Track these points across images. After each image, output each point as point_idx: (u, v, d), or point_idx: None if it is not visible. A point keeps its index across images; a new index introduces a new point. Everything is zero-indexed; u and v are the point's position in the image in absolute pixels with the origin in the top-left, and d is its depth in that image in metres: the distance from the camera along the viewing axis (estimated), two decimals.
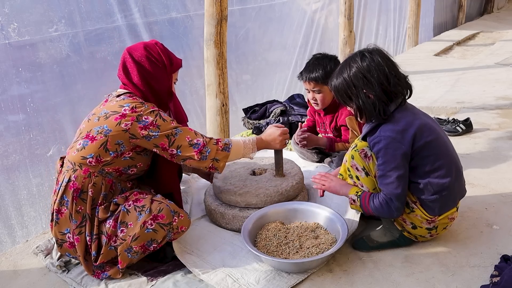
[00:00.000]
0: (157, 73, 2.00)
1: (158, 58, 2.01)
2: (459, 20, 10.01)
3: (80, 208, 1.91)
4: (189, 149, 1.92)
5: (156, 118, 1.90)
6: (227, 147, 2.00)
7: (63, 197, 1.92)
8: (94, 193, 1.91)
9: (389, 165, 1.80)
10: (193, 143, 1.93)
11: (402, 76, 1.86)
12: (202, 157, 1.93)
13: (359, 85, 1.82)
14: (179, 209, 1.94)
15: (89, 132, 1.90)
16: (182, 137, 1.92)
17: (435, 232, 1.96)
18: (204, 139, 1.96)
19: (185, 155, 1.92)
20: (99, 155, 1.87)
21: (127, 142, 1.89)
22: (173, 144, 1.90)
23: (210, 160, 1.95)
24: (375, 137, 1.82)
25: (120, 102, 1.92)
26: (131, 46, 2.04)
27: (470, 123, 3.40)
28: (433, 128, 1.87)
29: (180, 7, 3.81)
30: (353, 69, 1.83)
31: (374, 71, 1.80)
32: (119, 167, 1.93)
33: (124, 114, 1.87)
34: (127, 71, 1.99)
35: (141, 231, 1.83)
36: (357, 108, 1.87)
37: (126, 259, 1.87)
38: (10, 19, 2.75)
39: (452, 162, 1.89)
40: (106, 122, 1.88)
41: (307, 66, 2.64)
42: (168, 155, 1.94)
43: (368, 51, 1.85)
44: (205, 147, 1.94)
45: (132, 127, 1.87)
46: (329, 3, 5.85)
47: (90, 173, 1.90)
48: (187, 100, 4.04)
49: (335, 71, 1.93)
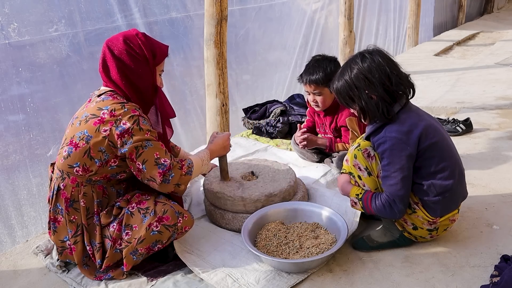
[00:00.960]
0: (138, 68, 1.84)
1: (139, 51, 1.84)
2: (459, 20, 10.00)
3: (74, 217, 1.89)
4: (154, 168, 1.81)
5: (133, 126, 1.79)
6: (190, 171, 1.91)
7: (56, 206, 1.90)
8: (87, 202, 1.88)
9: (394, 166, 1.80)
10: (160, 163, 1.82)
11: (404, 75, 1.85)
12: (164, 180, 1.83)
13: (361, 86, 1.82)
14: (183, 210, 1.93)
15: (72, 138, 1.83)
16: (151, 151, 1.81)
17: (436, 233, 1.96)
18: (171, 162, 1.84)
19: (149, 175, 1.82)
20: (85, 163, 1.82)
21: (109, 150, 1.81)
22: (139, 156, 1.80)
23: (172, 185, 1.86)
24: (380, 138, 1.82)
25: (99, 103, 1.83)
26: (110, 38, 1.87)
27: (470, 123, 3.40)
28: (438, 129, 1.87)
29: (180, 7, 3.81)
30: (354, 71, 1.83)
31: (375, 71, 1.80)
32: (107, 174, 1.87)
33: (103, 119, 1.79)
34: (107, 67, 1.85)
35: (147, 233, 1.82)
36: (360, 109, 1.86)
37: (131, 261, 1.86)
38: (10, 19, 2.75)
39: (455, 164, 1.89)
40: (86, 127, 1.81)
41: (307, 68, 2.63)
42: (136, 169, 1.83)
43: (368, 52, 1.85)
44: (170, 170, 1.83)
45: (111, 133, 1.78)
46: (329, 3, 5.85)
47: (78, 182, 1.86)
48: (187, 100, 4.04)
49: (336, 74, 1.92)
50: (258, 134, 3.42)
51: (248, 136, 3.45)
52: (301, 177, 2.60)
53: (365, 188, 1.93)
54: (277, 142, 3.27)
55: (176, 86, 3.92)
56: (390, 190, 1.82)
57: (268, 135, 3.38)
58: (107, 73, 1.86)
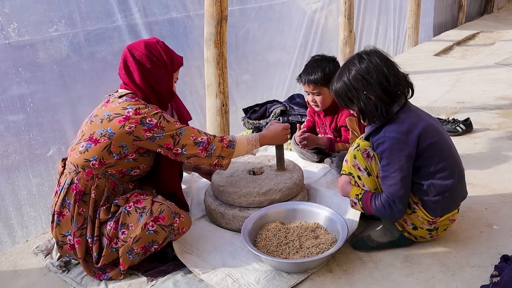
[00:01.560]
0: (158, 73, 1.98)
1: (159, 57, 1.98)
2: (459, 20, 10.00)
3: (82, 210, 1.91)
4: (194, 148, 1.94)
5: (160, 120, 1.90)
6: (232, 144, 2.03)
7: (65, 199, 1.91)
8: (97, 195, 1.91)
9: (393, 166, 1.80)
10: (198, 142, 1.95)
11: (401, 75, 1.86)
12: (207, 155, 1.96)
13: (359, 87, 1.82)
14: (180, 210, 1.94)
15: (92, 135, 1.89)
16: (186, 136, 1.94)
17: (436, 233, 1.96)
18: (208, 137, 1.98)
19: (190, 153, 1.94)
20: (102, 157, 1.87)
21: (131, 145, 1.89)
22: (178, 144, 1.92)
23: (215, 157, 1.98)
24: (379, 138, 1.82)
25: (123, 104, 1.91)
26: (131, 44, 2.01)
27: (470, 123, 3.40)
28: (437, 129, 1.87)
29: (180, 7, 3.81)
30: (352, 72, 1.83)
31: (373, 72, 1.80)
32: (122, 168, 1.93)
33: (128, 117, 1.87)
34: (129, 70, 1.97)
35: (142, 232, 1.83)
36: (359, 110, 1.86)
37: (128, 260, 1.87)
38: (10, 19, 2.74)
39: (455, 164, 1.89)
40: (109, 125, 1.88)
41: (306, 68, 2.63)
42: (173, 155, 1.95)
43: (365, 52, 1.86)
44: (210, 144, 1.97)
45: (136, 129, 1.87)
46: (329, 3, 5.85)
47: (93, 175, 1.90)
48: (187, 100, 4.04)
49: (335, 76, 1.93)
50: None
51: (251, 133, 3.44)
52: None
53: (365, 189, 1.93)
54: None
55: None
56: (389, 190, 1.82)
57: None
58: (130, 75, 1.97)
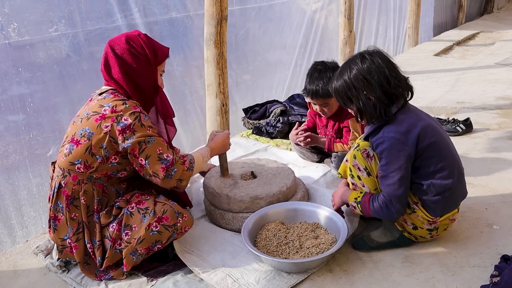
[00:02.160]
0: (140, 67, 1.88)
1: (141, 51, 1.89)
2: (459, 20, 10.00)
3: (75, 215, 1.89)
4: (157, 163, 1.83)
5: (135, 122, 1.81)
6: (191, 167, 1.94)
7: (57, 203, 1.90)
8: (87, 200, 1.89)
9: (392, 166, 1.80)
10: (162, 158, 1.84)
11: (402, 78, 1.86)
12: (167, 175, 1.85)
13: (359, 87, 1.82)
14: (183, 210, 1.93)
15: (73, 136, 1.85)
16: (153, 147, 1.83)
17: (436, 233, 1.96)
18: (173, 157, 1.88)
19: (152, 170, 1.84)
20: (86, 160, 1.83)
21: (109, 146, 1.83)
22: (142, 152, 1.82)
23: (175, 180, 1.88)
24: (379, 138, 1.82)
25: (100, 101, 1.86)
26: (112, 39, 1.92)
27: (470, 123, 3.40)
28: (436, 129, 1.87)
29: (180, 7, 3.81)
30: (353, 71, 1.83)
31: (375, 72, 1.80)
32: (107, 171, 1.89)
33: (104, 115, 1.81)
34: (108, 66, 1.89)
35: (146, 233, 1.82)
36: (358, 110, 1.87)
37: (131, 261, 1.86)
38: (10, 19, 2.75)
39: (454, 164, 1.89)
40: (87, 124, 1.83)
41: (311, 80, 2.57)
42: (138, 165, 1.85)
43: (368, 53, 1.85)
44: (173, 166, 1.86)
45: (112, 129, 1.80)
46: (329, 3, 5.85)
47: (79, 180, 1.87)
48: (187, 100, 4.04)
49: (336, 73, 1.93)
50: (258, 134, 3.43)
51: (248, 136, 3.45)
52: (301, 177, 2.60)
53: (365, 189, 1.93)
54: (277, 142, 3.27)
55: (176, 86, 3.92)
56: (387, 190, 1.82)
57: (268, 135, 3.38)
58: (109, 71, 1.90)
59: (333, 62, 2.65)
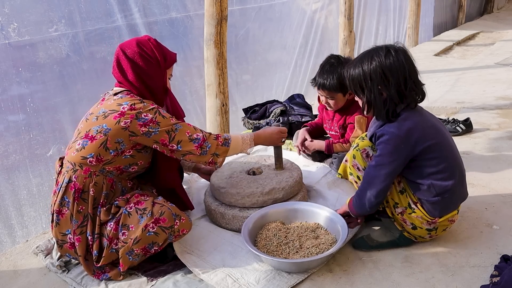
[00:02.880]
0: (150, 70, 1.98)
1: (152, 54, 1.98)
2: (459, 20, 10.01)
3: (82, 208, 1.91)
4: (190, 144, 1.94)
5: (156, 115, 1.90)
6: (227, 142, 2.03)
7: (63, 198, 1.91)
8: (96, 192, 1.91)
9: (384, 159, 1.80)
10: (193, 138, 1.95)
11: (419, 83, 1.84)
12: (202, 152, 1.95)
13: (375, 79, 1.78)
14: (181, 212, 1.93)
15: (88, 132, 1.89)
16: (182, 132, 1.93)
17: (435, 233, 1.96)
18: (203, 134, 1.98)
19: (185, 150, 1.94)
20: (99, 154, 1.87)
21: (127, 140, 1.89)
22: (173, 140, 1.92)
23: (210, 155, 1.98)
24: (381, 130, 1.82)
25: (118, 100, 1.92)
26: (123, 43, 2.01)
27: (470, 123, 3.40)
28: (439, 130, 1.87)
29: (180, 7, 3.81)
30: (374, 62, 1.79)
31: (395, 70, 1.77)
32: (120, 165, 1.93)
33: (123, 112, 1.87)
34: (122, 69, 1.97)
35: (143, 234, 1.83)
36: (367, 101, 1.84)
37: (127, 261, 1.87)
38: (10, 19, 2.74)
39: (456, 165, 1.88)
40: (105, 121, 1.88)
41: (321, 72, 2.59)
42: (168, 151, 1.94)
43: (394, 48, 1.80)
44: (205, 141, 1.96)
45: (132, 124, 1.86)
46: (329, 3, 5.85)
47: (91, 172, 1.90)
48: (187, 100, 4.04)
49: (355, 59, 1.88)
50: None
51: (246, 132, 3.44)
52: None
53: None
54: None
55: (176, 86, 3.91)
56: (371, 179, 1.83)
57: None
58: (123, 74, 1.97)
59: (348, 58, 2.65)
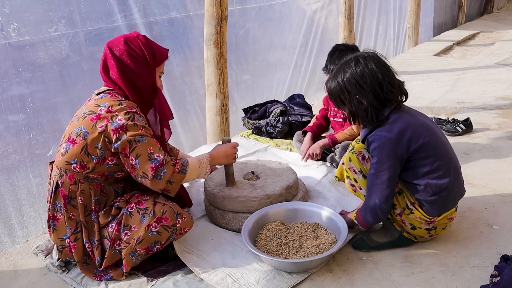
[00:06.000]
0: (138, 69, 1.88)
1: (140, 52, 1.88)
2: (459, 20, 10.01)
3: (72, 214, 1.89)
4: (147, 163, 1.79)
5: (128, 122, 1.79)
6: (184, 170, 1.88)
7: (55, 203, 1.90)
8: (84, 200, 1.88)
9: (382, 165, 1.81)
10: (153, 158, 1.80)
11: (396, 83, 1.85)
12: (156, 176, 1.80)
13: (352, 90, 1.83)
14: (182, 210, 1.93)
15: (70, 135, 1.85)
16: (144, 146, 1.80)
17: (434, 232, 1.96)
18: (164, 158, 1.83)
19: (142, 170, 1.80)
20: (82, 160, 1.82)
21: (105, 146, 1.81)
22: (133, 151, 1.79)
23: (164, 181, 1.83)
24: (371, 136, 1.85)
25: (98, 101, 1.86)
26: (111, 40, 1.91)
27: (470, 123, 3.40)
28: (431, 128, 1.87)
29: (180, 7, 3.81)
30: (347, 75, 1.83)
31: (367, 77, 1.80)
32: (104, 172, 1.88)
33: (100, 115, 1.81)
34: (107, 67, 1.89)
35: (146, 234, 1.82)
36: (350, 112, 1.88)
37: (131, 262, 1.86)
38: (10, 19, 2.75)
39: (450, 163, 1.89)
40: (83, 123, 1.83)
41: (331, 59, 2.64)
42: (130, 166, 1.82)
43: (363, 56, 1.84)
44: (163, 166, 1.81)
45: (106, 129, 1.79)
46: (329, 3, 5.85)
47: (75, 180, 1.86)
48: (187, 100, 4.04)
49: (331, 74, 1.93)
50: (258, 134, 3.43)
51: (248, 136, 3.45)
52: (302, 177, 2.60)
53: (361, 192, 1.96)
54: (277, 142, 3.27)
55: (176, 86, 3.92)
56: (375, 190, 1.84)
57: (268, 135, 3.38)
58: (107, 73, 1.89)
59: (353, 45, 2.68)
